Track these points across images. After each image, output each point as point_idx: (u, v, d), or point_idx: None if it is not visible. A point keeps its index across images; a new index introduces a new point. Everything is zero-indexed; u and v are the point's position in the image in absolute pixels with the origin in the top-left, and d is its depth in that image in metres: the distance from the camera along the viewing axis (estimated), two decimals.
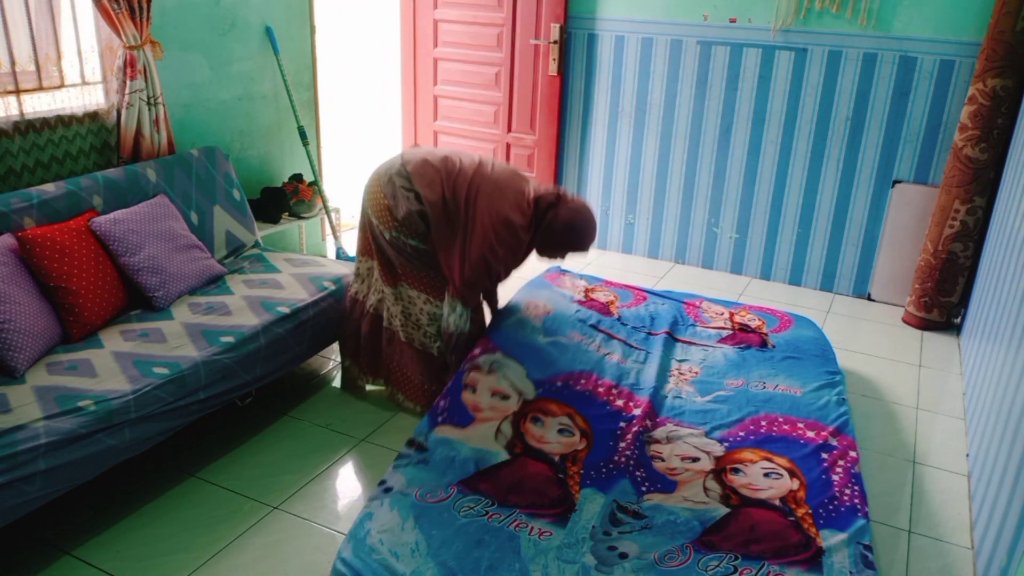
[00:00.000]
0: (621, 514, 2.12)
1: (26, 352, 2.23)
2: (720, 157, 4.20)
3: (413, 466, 2.25)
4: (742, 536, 2.03)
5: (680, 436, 2.45)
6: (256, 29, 3.53)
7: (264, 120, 3.68)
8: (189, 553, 2.17)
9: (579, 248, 2.72)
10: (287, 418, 2.84)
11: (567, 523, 2.07)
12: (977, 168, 3.44)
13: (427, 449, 2.31)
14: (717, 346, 3.02)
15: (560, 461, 2.30)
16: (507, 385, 2.56)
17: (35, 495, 1.94)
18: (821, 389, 2.71)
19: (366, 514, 2.05)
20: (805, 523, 2.07)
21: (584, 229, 2.67)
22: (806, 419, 2.52)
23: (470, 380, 2.56)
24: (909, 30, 3.64)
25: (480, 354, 2.66)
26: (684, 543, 2.01)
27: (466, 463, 2.27)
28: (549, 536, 2.01)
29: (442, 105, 4.81)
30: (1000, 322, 2.67)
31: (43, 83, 2.78)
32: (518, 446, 2.35)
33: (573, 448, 2.36)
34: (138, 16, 2.84)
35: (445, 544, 1.96)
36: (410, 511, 2.07)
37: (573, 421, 2.46)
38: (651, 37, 4.16)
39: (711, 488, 2.23)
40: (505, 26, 4.43)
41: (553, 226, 2.63)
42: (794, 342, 3.07)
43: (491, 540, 1.99)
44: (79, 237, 2.51)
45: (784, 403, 2.61)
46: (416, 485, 2.17)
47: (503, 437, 2.37)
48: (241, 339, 2.51)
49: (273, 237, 3.77)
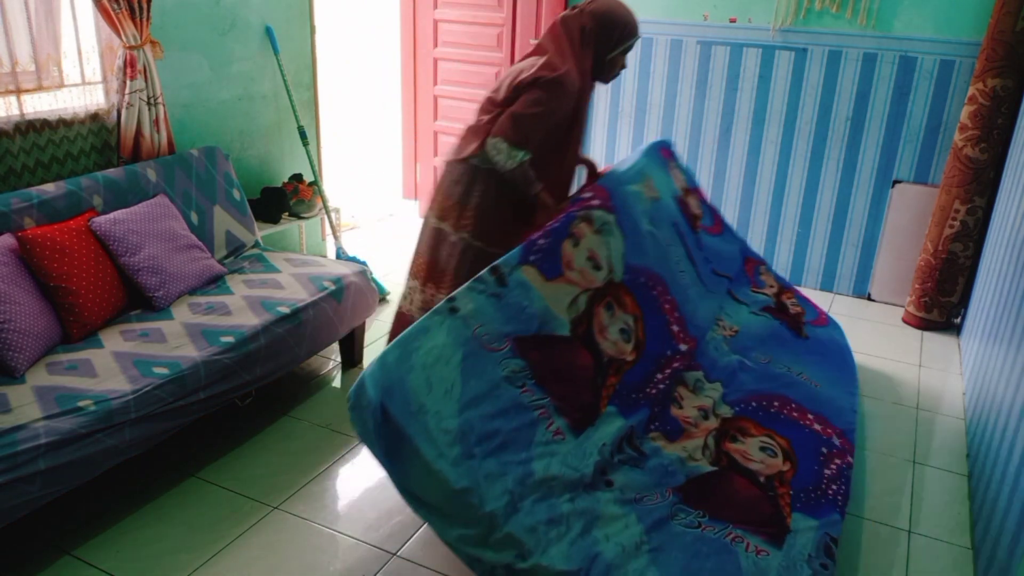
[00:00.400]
0: (626, 444, 2.13)
1: (26, 352, 2.23)
2: (720, 157, 4.20)
3: (486, 297, 2.08)
4: (718, 499, 2.05)
5: (703, 389, 2.44)
6: (256, 29, 3.53)
7: (264, 120, 3.68)
8: (189, 553, 2.17)
9: (632, 31, 2.49)
10: (287, 418, 2.84)
11: (581, 434, 2.06)
12: (977, 168, 3.44)
13: (506, 285, 2.13)
14: (759, 314, 2.98)
15: (604, 365, 2.23)
16: (604, 256, 2.37)
17: (35, 495, 1.94)
18: (838, 393, 2.70)
19: (422, 328, 1.97)
20: (782, 502, 2.09)
21: (622, 6, 2.50)
22: (817, 412, 2.52)
23: (577, 231, 2.32)
24: (909, 30, 3.64)
25: (596, 207, 2.43)
26: (665, 489, 2.04)
27: (531, 320, 2.13)
28: (561, 440, 2.01)
29: (442, 105, 4.81)
30: (1000, 322, 2.67)
31: (43, 83, 2.78)
32: (582, 326, 2.24)
33: (622, 357, 2.29)
34: (138, 16, 2.84)
35: (475, 402, 1.92)
36: (462, 347, 1.98)
37: (635, 326, 2.37)
38: (651, 37, 4.16)
39: (708, 446, 2.24)
40: (505, 26, 4.43)
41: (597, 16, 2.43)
42: (826, 342, 3.05)
43: (514, 418, 1.96)
44: (79, 237, 2.51)
45: (801, 391, 2.61)
46: (480, 321, 2.04)
47: (575, 309, 2.23)
48: (241, 339, 2.51)
49: (273, 237, 3.77)
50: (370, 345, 3.37)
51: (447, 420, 1.87)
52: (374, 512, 2.38)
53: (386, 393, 1.86)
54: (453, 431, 1.87)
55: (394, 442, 1.87)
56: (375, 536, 2.27)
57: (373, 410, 1.86)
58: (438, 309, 2.02)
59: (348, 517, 2.35)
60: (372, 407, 1.86)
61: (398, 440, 1.86)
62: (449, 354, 1.95)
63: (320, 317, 2.82)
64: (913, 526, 2.39)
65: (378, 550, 2.22)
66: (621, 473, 2.05)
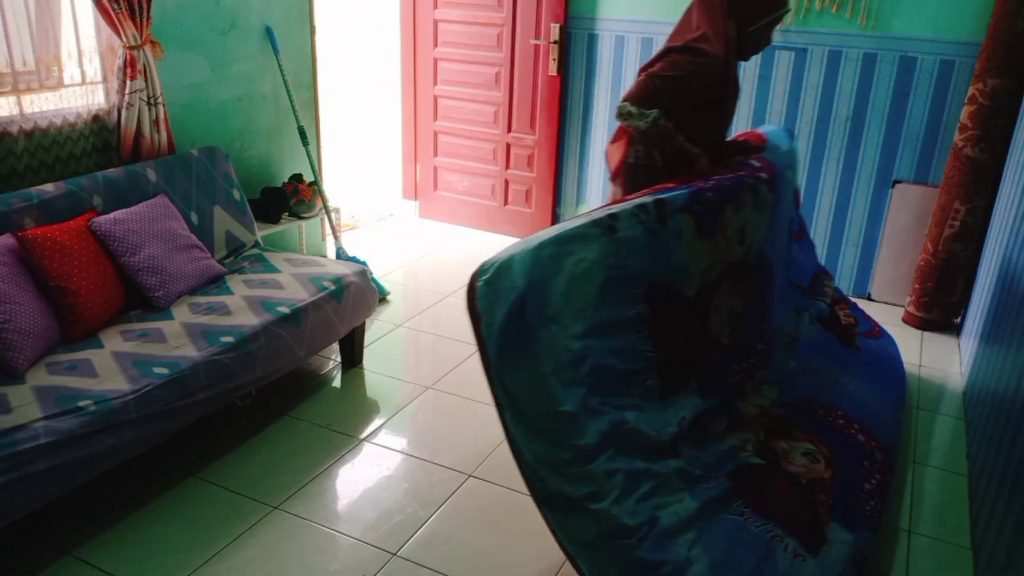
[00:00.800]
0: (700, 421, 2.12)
1: (26, 352, 2.23)
2: None
3: (644, 229, 1.99)
4: (761, 494, 2.05)
5: (763, 389, 2.44)
6: (256, 29, 3.53)
7: (264, 120, 3.68)
8: (189, 553, 2.17)
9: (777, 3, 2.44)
10: (287, 418, 2.84)
11: (666, 399, 2.05)
12: (977, 168, 3.44)
13: (664, 224, 2.03)
14: (813, 324, 2.97)
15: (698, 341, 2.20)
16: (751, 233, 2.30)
17: (35, 495, 1.94)
18: (886, 405, 2.69)
19: (580, 234, 1.89)
20: (821, 509, 2.08)
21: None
22: (862, 423, 2.50)
23: (742, 198, 2.24)
24: (909, 30, 3.64)
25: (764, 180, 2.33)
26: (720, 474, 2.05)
27: (670, 270, 2.06)
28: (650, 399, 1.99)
29: (442, 105, 4.81)
30: (1000, 322, 2.67)
31: (43, 84, 2.78)
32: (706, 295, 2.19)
33: (719, 338, 2.26)
34: (138, 16, 2.84)
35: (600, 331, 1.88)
36: (607, 271, 1.91)
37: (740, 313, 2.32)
38: (651, 37, 4.16)
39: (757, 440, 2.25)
40: (505, 26, 4.43)
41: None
42: (878, 354, 3.04)
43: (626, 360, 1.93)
44: (79, 237, 2.51)
45: (848, 401, 2.60)
46: (631, 251, 1.96)
47: (708, 276, 2.16)
48: (241, 339, 2.51)
49: (273, 237, 3.77)
50: (370, 345, 3.37)
51: (573, 340, 1.81)
52: (374, 512, 2.38)
53: (532, 285, 1.77)
54: (575, 352, 1.80)
55: (517, 338, 1.78)
56: (375, 536, 2.28)
57: (512, 296, 1.77)
58: (599, 221, 1.92)
59: (348, 517, 2.35)
60: (513, 292, 1.76)
61: (523, 338, 1.78)
62: (594, 273, 1.87)
63: (320, 317, 2.82)
64: (913, 526, 2.39)
65: (378, 550, 2.22)
66: (688, 448, 2.04)
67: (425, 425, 2.89)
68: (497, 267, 1.80)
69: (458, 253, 4.56)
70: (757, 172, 2.36)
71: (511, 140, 4.64)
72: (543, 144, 4.54)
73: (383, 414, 2.92)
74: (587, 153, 4.54)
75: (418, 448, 2.72)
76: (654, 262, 2.01)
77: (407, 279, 4.17)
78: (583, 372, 1.83)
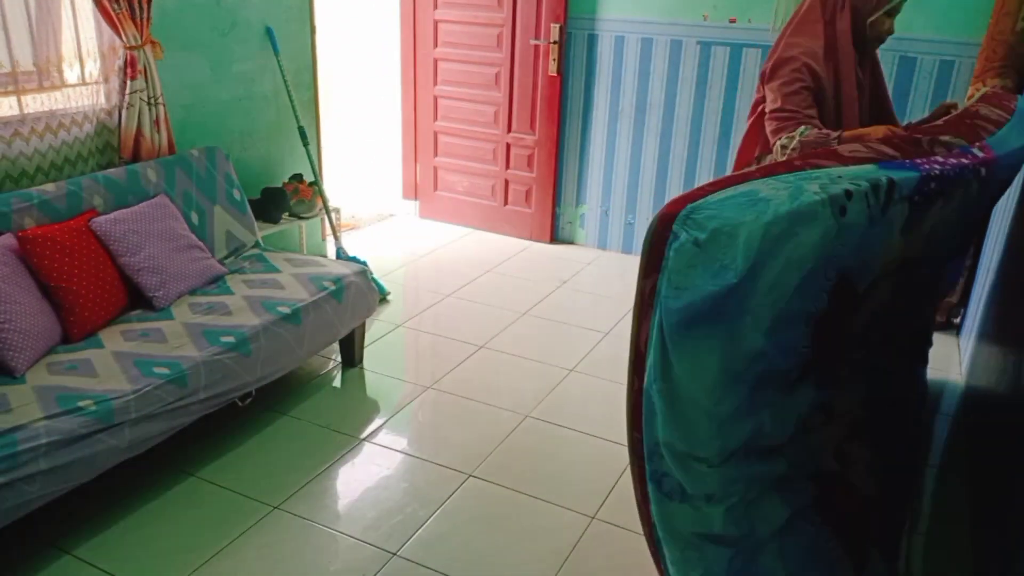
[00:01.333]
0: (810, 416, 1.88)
1: (26, 352, 2.23)
2: (720, 157, 4.20)
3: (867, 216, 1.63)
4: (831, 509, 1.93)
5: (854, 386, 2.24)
6: (256, 29, 3.53)
7: (264, 120, 3.68)
8: (189, 553, 2.17)
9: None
10: (287, 418, 2.84)
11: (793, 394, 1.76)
12: None
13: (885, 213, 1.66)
14: None
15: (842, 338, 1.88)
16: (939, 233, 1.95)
17: (35, 495, 1.94)
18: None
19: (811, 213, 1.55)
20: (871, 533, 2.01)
21: None
22: None
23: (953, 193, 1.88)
24: (909, 30, 3.64)
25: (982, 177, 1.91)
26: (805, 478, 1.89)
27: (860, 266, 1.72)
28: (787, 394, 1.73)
29: (442, 105, 4.81)
30: (999, 322, 2.67)
31: (43, 84, 2.78)
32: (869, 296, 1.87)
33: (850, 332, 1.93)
34: (138, 16, 2.84)
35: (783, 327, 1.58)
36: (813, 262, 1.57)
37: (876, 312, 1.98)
38: (651, 37, 4.17)
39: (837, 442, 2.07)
40: (505, 26, 4.43)
41: None
42: None
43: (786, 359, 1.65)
44: (79, 237, 2.51)
45: None
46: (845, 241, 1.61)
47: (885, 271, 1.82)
48: (241, 339, 2.51)
49: (273, 237, 3.77)
50: (370, 345, 3.37)
51: (759, 336, 1.54)
52: (374, 512, 2.38)
53: (751, 270, 1.47)
54: (757, 349, 1.56)
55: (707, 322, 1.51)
56: (375, 536, 2.28)
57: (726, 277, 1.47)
58: (835, 197, 1.56)
59: (348, 517, 2.35)
60: (728, 273, 1.47)
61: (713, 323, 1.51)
62: (805, 261, 1.53)
63: (320, 317, 2.82)
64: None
65: (378, 550, 2.22)
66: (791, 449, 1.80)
67: (425, 425, 2.89)
68: (716, 231, 1.46)
69: (458, 253, 4.56)
70: (979, 162, 1.93)
71: (511, 140, 4.64)
72: (543, 144, 4.54)
73: (383, 414, 2.92)
74: (587, 153, 4.54)
75: (418, 448, 2.72)
76: (855, 253, 1.67)
77: (407, 279, 4.17)
78: (754, 371, 1.59)
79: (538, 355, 3.37)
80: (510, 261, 4.45)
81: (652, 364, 1.59)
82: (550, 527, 2.35)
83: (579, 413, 2.95)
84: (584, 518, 2.39)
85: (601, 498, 2.48)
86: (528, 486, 2.52)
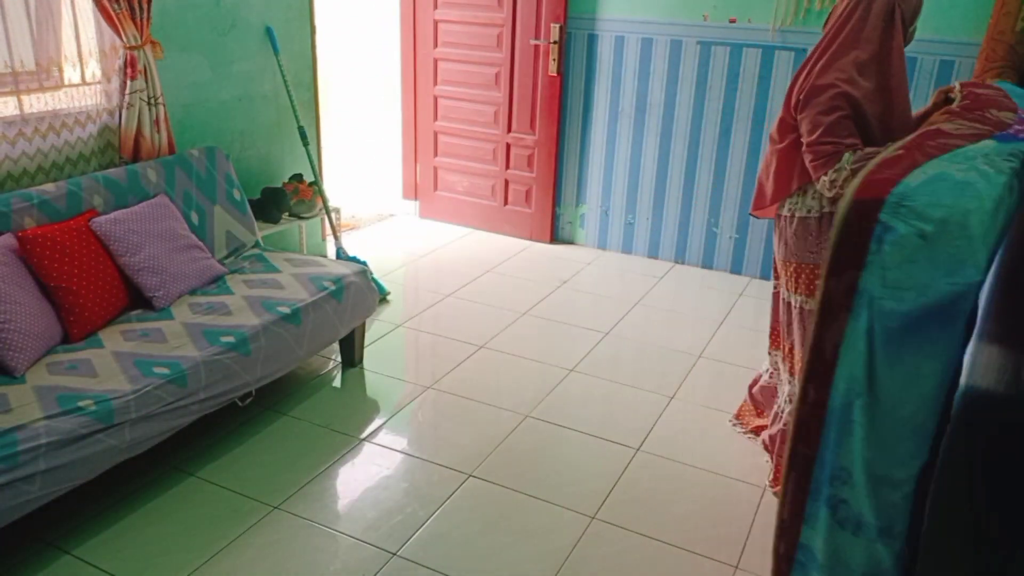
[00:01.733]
0: None
1: (26, 352, 2.23)
2: (720, 157, 4.20)
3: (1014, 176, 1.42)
4: None
5: None
6: (256, 29, 3.53)
7: (264, 120, 3.68)
8: (189, 553, 2.17)
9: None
10: (287, 418, 2.84)
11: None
12: None
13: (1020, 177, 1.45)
14: None
15: None
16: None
17: (35, 495, 1.94)
18: None
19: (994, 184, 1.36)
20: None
21: None
22: None
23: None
24: None
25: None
26: None
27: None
28: None
29: (442, 105, 4.81)
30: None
31: (44, 84, 2.78)
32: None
33: None
34: (138, 16, 2.84)
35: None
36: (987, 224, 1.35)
37: None
38: (651, 37, 4.17)
39: None
40: (505, 26, 4.43)
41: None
42: None
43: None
44: (79, 237, 2.51)
45: None
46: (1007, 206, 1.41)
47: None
48: (241, 339, 2.51)
49: (273, 237, 3.77)
50: (370, 345, 3.37)
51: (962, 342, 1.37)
52: (374, 512, 2.38)
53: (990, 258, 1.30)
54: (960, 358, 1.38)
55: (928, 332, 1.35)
56: (375, 536, 2.28)
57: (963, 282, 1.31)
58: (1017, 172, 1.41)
59: (348, 517, 2.35)
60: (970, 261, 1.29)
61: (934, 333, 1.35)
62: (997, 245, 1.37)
63: (320, 317, 2.82)
64: None
65: (378, 550, 2.22)
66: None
67: (425, 425, 2.89)
68: (945, 221, 1.26)
69: (458, 253, 4.56)
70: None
71: (511, 140, 4.64)
72: (543, 144, 4.54)
73: (383, 414, 2.92)
74: (587, 153, 4.54)
75: (418, 448, 2.72)
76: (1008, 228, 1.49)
77: (407, 279, 4.17)
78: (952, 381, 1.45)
79: (538, 355, 3.37)
80: (510, 261, 4.45)
81: (851, 376, 1.41)
82: (550, 527, 2.35)
83: (579, 413, 2.95)
84: (584, 518, 2.39)
85: (601, 498, 2.48)
86: (528, 486, 2.52)
